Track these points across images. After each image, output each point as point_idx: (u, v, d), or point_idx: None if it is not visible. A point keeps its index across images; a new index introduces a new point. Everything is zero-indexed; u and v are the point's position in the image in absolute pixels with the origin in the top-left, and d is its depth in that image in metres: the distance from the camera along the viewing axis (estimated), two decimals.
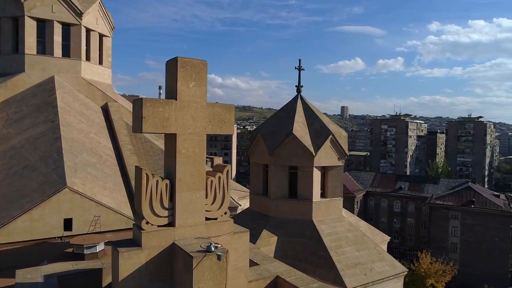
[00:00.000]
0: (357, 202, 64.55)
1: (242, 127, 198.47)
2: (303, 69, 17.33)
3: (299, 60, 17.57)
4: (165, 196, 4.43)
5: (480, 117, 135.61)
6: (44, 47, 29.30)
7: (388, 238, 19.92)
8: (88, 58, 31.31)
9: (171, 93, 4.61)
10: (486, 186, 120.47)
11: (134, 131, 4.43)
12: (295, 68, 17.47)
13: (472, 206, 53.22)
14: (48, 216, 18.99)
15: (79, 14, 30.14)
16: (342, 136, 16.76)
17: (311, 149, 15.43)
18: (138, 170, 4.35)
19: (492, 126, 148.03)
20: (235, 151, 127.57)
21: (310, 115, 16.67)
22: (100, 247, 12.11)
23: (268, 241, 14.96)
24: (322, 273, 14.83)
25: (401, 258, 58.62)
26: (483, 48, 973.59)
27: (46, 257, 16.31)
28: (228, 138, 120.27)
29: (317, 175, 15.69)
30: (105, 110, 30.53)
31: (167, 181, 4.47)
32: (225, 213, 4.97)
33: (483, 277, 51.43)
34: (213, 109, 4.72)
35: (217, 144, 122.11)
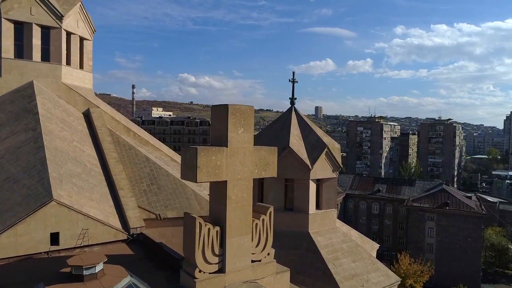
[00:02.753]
0: (337, 204, 66.04)
1: None
2: (297, 82, 17.50)
3: (293, 73, 17.70)
4: (216, 243, 4.44)
5: (450, 119, 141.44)
6: (22, 50, 28.14)
7: (377, 246, 20.46)
8: (68, 62, 30.30)
9: (220, 138, 4.62)
10: (455, 185, 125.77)
11: (185, 179, 4.40)
12: (289, 80, 17.60)
13: (447, 208, 55.82)
14: (33, 230, 18.31)
15: (60, 17, 29.15)
16: (335, 148, 17.09)
17: (308, 162, 15.66)
18: (191, 219, 4.32)
19: (460, 128, 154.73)
20: None
21: (305, 127, 16.90)
22: (99, 267, 11.80)
23: None
24: (321, 286, 15.06)
25: (379, 259, 60.19)
26: (446, 51, 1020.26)
27: (35, 275, 15.71)
28: (206, 140, 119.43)
29: (312, 187, 15.94)
30: (87, 116, 29.68)
31: (218, 228, 4.48)
32: (268, 254, 5.02)
33: (457, 275, 54.01)
34: (259, 153, 4.78)
35: (195, 142, 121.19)
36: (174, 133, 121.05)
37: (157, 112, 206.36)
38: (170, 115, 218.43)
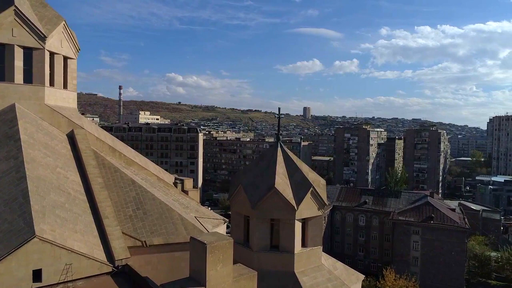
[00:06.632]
0: (324, 217, 66.57)
1: (207, 132, 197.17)
2: (283, 116, 17.66)
3: (279, 109, 17.82)
4: None
5: (434, 125, 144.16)
6: (3, 73, 27.50)
7: (362, 277, 20.65)
8: (52, 83, 29.69)
9: (199, 275, 4.63)
10: (440, 191, 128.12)
11: None
12: (275, 116, 17.77)
13: (432, 222, 57.01)
14: (15, 269, 17.91)
15: (43, 38, 28.55)
16: (320, 185, 17.23)
17: (293, 202, 15.78)
18: None
19: (445, 134, 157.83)
20: (201, 159, 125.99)
21: (291, 165, 17.01)
22: None
23: None
24: None
25: (366, 270, 61.34)
26: (430, 53, 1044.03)
27: None
28: (194, 147, 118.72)
29: (298, 226, 16.07)
30: (71, 138, 29.18)
31: None
32: None
33: None
34: (238, 283, 4.80)
35: (183, 153, 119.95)
36: (161, 140, 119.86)
37: (144, 116, 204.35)
38: (157, 119, 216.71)
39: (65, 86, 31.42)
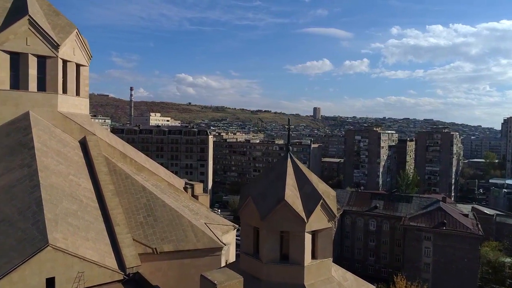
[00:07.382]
0: (334, 221, 66.15)
1: (217, 134, 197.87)
2: (292, 127, 17.65)
3: (288, 120, 17.84)
4: None
5: (447, 126, 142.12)
6: (17, 81, 27.92)
7: None
8: (64, 90, 30.06)
9: None
10: (452, 194, 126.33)
11: None
12: (285, 127, 17.79)
13: (444, 228, 56.04)
14: (29, 277, 18.18)
15: (56, 46, 28.91)
16: (331, 196, 17.13)
17: (303, 215, 15.70)
18: None
19: (458, 136, 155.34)
20: (211, 161, 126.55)
21: (300, 176, 16.94)
22: None
23: None
24: None
25: (376, 275, 60.75)
26: (442, 52, 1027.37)
27: None
28: (204, 149, 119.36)
29: (308, 238, 15.98)
30: (83, 144, 29.50)
31: None
32: None
33: None
34: None
35: (193, 155, 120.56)
36: (171, 142, 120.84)
37: (155, 118, 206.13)
38: (168, 120, 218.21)
39: (77, 93, 31.76)
